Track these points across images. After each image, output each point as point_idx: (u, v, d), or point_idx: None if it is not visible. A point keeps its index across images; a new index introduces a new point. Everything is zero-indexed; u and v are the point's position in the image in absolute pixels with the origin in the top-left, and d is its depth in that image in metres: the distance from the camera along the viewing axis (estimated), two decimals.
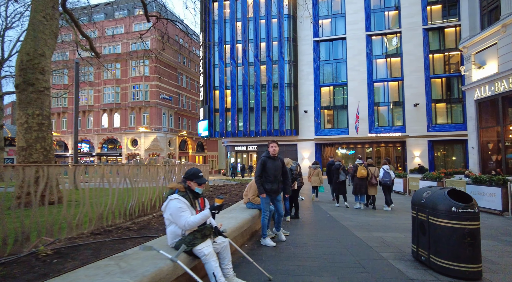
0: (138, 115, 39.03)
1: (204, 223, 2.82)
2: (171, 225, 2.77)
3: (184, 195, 2.77)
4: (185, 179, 2.88)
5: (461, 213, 3.25)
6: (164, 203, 2.77)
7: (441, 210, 3.37)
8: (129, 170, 4.70)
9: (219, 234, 2.93)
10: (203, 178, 2.89)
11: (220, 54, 34.01)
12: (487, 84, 16.44)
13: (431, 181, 11.31)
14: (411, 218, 4.03)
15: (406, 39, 30.48)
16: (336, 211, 8.41)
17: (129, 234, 3.68)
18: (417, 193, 3.99)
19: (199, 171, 2.91)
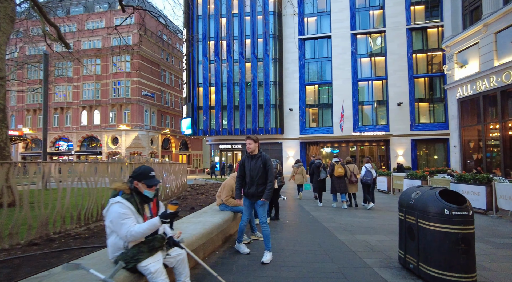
0: (119, 112, 37.80)
1: (154, 233, 2.33)
2: (112, 235, 2.25)
3: (129, 199, 2.25)
4: (132, 179, 2.37)
5: (454, 216, 2.88)
6: (106, 208, 2.26)
7: (432, 212, 2.99)
8: (84, 169, 4.13)
9: (174, 245, 2.44)
10: (154, 179, 2.38)
11: (204, 50, 33.28)
12: (469, 83, 16.52)
13: (415, 180, 11.14)
14: (398, 221, 3.65)
15: (390, 39, 30.63)
16: (318, 211, 8.04)
17: (72, 244, 3.13)
18: (405, 193, 3.61)
19: (150, 170, 2.40)
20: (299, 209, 8.38)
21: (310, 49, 33.01)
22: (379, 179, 14.27)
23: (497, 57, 14.87)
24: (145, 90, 38.59)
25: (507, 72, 14.11)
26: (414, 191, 3.45)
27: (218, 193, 4.82)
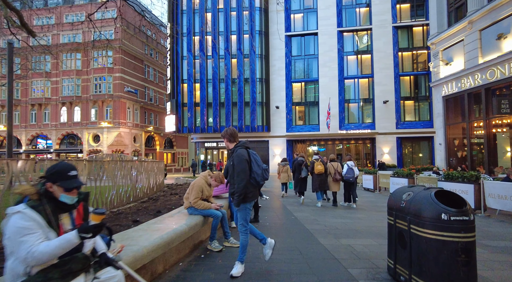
0: (100, 109, 36.50)
1: (75, 250, 1.79)
2: (10, 257, 1.66)
3: (36, 207, 1.68)
4: (45, 181, 1.79)
5: (453, 222, 2.44)
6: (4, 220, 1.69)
7: (427, 217, 2.55)
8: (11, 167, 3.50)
9: (107, 265, 1.89)
10: (74, 180, 1.81)
11: (189, 45, 32.45)
12: (454, 81, 16.45)
13: (402, 178, 10.87)
14: (387, 226, 3.21)
15: (377, 36, 30.59)
16: (302, 212, 7.60)
17: None
18: (395, 194, 3.17)
19: (70, 168, 1.82)
20: (282, 210, 7.93)
21: (297, 46, 32.64)
22: (365, 177, 14.00)
23: (481, 55, 14.81)
24: (128, 86, 37.42)
25: (491, 69, 14.05)
26: (405, 191, 3.01)
27: (186, 195, 4.27)
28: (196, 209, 4.07)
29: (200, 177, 4.25)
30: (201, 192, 4.15)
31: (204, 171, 4.48)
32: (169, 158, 45.31)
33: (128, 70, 37.62)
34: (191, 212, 4.12)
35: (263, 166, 3.47)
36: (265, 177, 3.46)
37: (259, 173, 3.40)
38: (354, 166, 8.79)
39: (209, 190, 4.31)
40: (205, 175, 4.27)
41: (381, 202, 9.81)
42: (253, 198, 3.49)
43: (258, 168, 3.42)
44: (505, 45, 13.46)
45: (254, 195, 3.50)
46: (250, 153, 3.52)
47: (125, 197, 5.82)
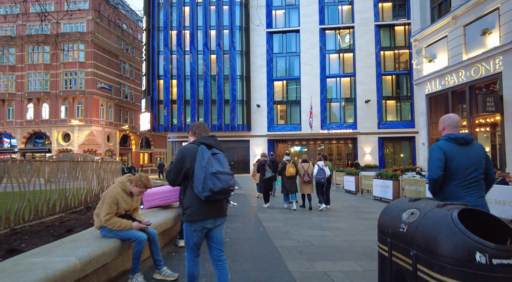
0: (71, 106, 34.32)
1: None
2: None
3: None
4: None
5: (497, 267, 1.41)
6: None
7: (448, 256, 1.52)
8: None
9: None
10: None
11: (166, 40, 30.90)
12: (438, 78, 15.93)
13: (386, 180, 10.03)
14: (378, 257, 2.18)
15: (359, 35, 30.12)
16: (273, 221, 6.54)
17: None
18: (390, 211, 2.13)
19: None
20: (250, 218, 6.85)
21: (278, 43, 31.74)
22: (347, 179, 13.14)
23: (465, 51, 14.30)
24: (101, 82, 35.41)
25: (475, 66, 13.54)
26: (405, 207, 1.98)
27: (96, 210, 3.09)
28: (110, 230, 2.94)
29: (114, 185, 3.10)
30: (115, 205, 2.97)
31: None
32: (146, 159, 43.46)
33: (101, 66, 35.62)
34: (104, 234, 2.95)
35: (217, 170, 2.37)
36: (215, 188, 2.32)
37: (200, 178, 2.31)
38: (325, 166, 8.38)
39: (130, 201, 3.16)
40: (122, 180, 3.10)
41: (364, 207, 8.92)
42: (202, 217, 2.41)
43: (201, 173, 2.34)
44: (489, 40, 12.96)
45: (204, 213, 2.42)
46: (202, 152, 2.44)
47: (45, 207, 4.56)
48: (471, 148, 2.69)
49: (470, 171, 2.61)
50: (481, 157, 2.68)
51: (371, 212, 7.94)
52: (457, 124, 2.82)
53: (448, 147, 2.68)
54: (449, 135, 2.72)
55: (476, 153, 2.68)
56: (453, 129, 2.79)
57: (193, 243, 2.47)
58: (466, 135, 2.70)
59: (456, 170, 2.61)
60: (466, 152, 2.66)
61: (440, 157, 2.65)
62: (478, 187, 2.62)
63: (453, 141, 2.68)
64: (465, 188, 2.59)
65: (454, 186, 2.62)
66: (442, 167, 2.62)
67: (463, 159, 2.63)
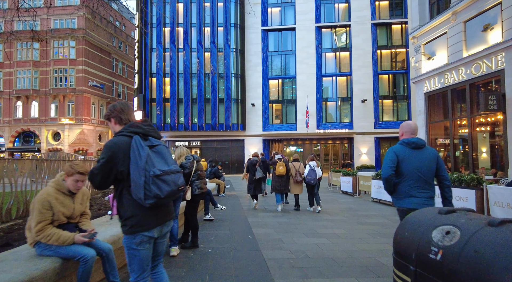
0: (61, 104, 33.49)
1: None
2: None
3: None
4: None
5: None
6: None
7: None
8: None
9: None
10: None
11: (159, 37, 30.20)
12: (437, 76, 15.46)
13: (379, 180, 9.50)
14: None
15: (355, 33, 29.69)
16: (264, 226, 5.97)
17: None
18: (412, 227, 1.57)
19: None
20: (239, 223, 6.28)
21: (274, 41, 31.20)
22: (343, 180, 12.60)
23: (466, 48, 13.84)
24: (92, 80, 34.63)
25: (476, 63, 13.08)
26: (436, 223, 1.41)
27: (27, 223, 2.40)
28: (48, 245, 2.28)
29: (49, 187, 2.44)
30: (48, 210, 2.31)
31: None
32: None
33: (93, 63, 34.82)
34: (40, 252, 2.26)
35: (162, 171, 1.82)
36: (162, 193, 1.78)
37: (140, 183, 1.74)
38: (317, 166, 8.22)
39: (71, 203, 2.49)
40: (56, 178, 2.48)
41: (362, 210, 8.38)
42: (148, 227, 1.85)
43: (139, 177, 1.78)
44: (491, 36, 12.51)
45: (152, 221, 1.86)
46: (137, 148, 1.85)
47: None
48: (423, 151, 2.91)
49: (421, 173, 2.81)
50: (432, 160, 2.88)
51: (371, 215, 7.40)
52: (413, 131, 3.06)
53: (401, 151, 2.90)
54: (403, 140, 2.96)
55: (427, 156, 2.89)
56: (409, 135, 3.00)
57: (142, 260, 1.89)
58: (417, 139, 2.92)
59: (408, 171, 2.82)
60: (417, 155, 2.87)
61: (392, 158, 2.87)
62: (430, 188, 2.85)
63: (406, 145, 2.90)
64: (417, 188, 2.79)
65: (407, 186, 2.81)
66: (394, 167, 2.84)
67: (415, 162, 2.84)
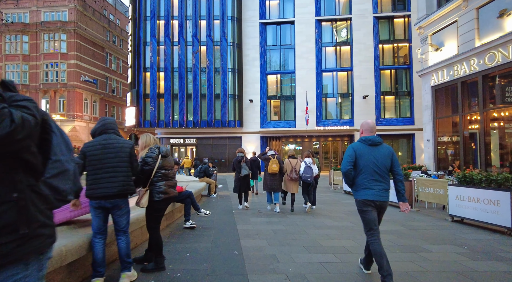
0: (52, 100, 32.40)
1: None
2: None
3: None
4: None
5: None
6: None
7: None
8: None
9: None
10: None
11: (153, 30, 29.08)
12: (445, 68, 14.46)
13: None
14: None
15: (356, 27, 28.64)
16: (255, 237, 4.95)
17: None
18: None
19: None
20: (226, 232, 5.27)
21: (272, 35, 30.13)
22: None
23: (478, 37, 12.85)
24: (85, 75, 33.50)
25: (491, 52, 12.09)
26: None
27: None
28: None
29: None
30: None
31: None
32: None
33: (85, 58, 33.69)
34: None
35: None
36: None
37: None
38: (313, 163, 7.81)
39: None
40: None
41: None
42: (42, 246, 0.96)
43: None
44: (508, 23, 11.50)
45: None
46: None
47: None
48: (379, 148, 3.23)
49: (375, 167, 3.14)
50: (387, 156, 3.21)
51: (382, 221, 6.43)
52: (371, 129, 3.33)
53: (359, 147, 3.24)
54: (361, 138, 3.31)
55: (383, 152, 3.21)
56: (368, 133, 3.30)
57: None
58: (374, 137, 3.24)
59: (364, 165, 3.17)
60: (373, 151, 3.19)
61: (350, 154, 3.23)
62: (383, 181, 3.17)
63: (364, 142, 3.23)
64: (372, 181, 3.15)
65: (363, 178, 3.17)
66: (352, 162, 3.21)
67: (370, 157, 3.17)
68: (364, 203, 3.20)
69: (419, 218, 6.75)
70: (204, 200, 9.43)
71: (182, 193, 5.31)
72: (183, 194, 5.31)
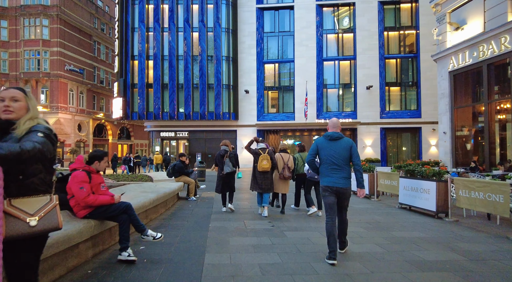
0: (34, 90, 30.20)
1: None
2: None
3: None
4: None
5: None
6: None
7: None
8: None
9: None
10: None
11: (141, 15, 26.95)
12: (467, 49, 12.59)
13: (421, 180, 6.64)
14: None
15: (360, 12, 26.66)
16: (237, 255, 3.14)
17: None
18: None
19: None
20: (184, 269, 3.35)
21: (270, 21, 28.08)
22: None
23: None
24: (70, 64, 31.33)
25: None
26: None
27: None
28: None
29: None
30: None
31: None
32: (124, 150, 39.52)
33: (70, 45, 31.48)
34: None
35: None
36: None
37: None
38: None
39: None
40: None
41: (397, 226, 5.52)
42: None
43: None
44: None
45: None
46: None
47: None
48: (338, 142, 3.79)
49: (334, 158, 3.70)
50: (345, 149, 3.73)
51: (417, 239, 4.54)
52: (334, 125, 3.93)
53: (321, 142, 3.86)
54: (324, 134, 3.89)
55: (341, 146, 3.75)
56: (331, 129, 3.89)
57: None
58: (332, 133, 3.81)
59: (325, 157, 3.76)
60: (333, 145, 3.76)
61: (313, 148, 3.91)
62: (341, 170, 3.69)
63: (325, 137, 3.85)
64: (331, 170, 3.70)
65: (324, 168, 3.77)
66: (314, 155, 3.91)
67: (330, 150, 3.75)
68: (324, 188, 3.75)
69: (468, 236, 4.92)
70: (178, 205, 7.53)
71: (112, 207, 3.42)
72: (113, 208, 3.44)
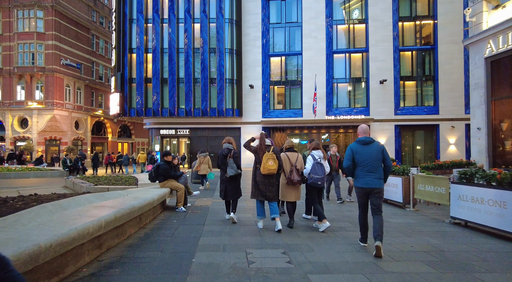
0: (28, 86, 28.90)
1: None
2: None
3: None
4: None
5: None
6: None
7: None
8: None
9: None
10: None
11: (140, 6, 25.39)
12: (510, 31, 10.82)
13: (488, 188, 4.96)
14: None
15: (373, 2, 24.86)
16: None
17: None
18: None
19: None
20: None
21: (276, 11, 26.36)
22: (389, 181, 7.91)
23: None
24: (66, 58, 29.93)
25: None
26: None
27: None
28: None
29: None
30: None
31: None
32: (124, 149, 38.10)
33: (66, 39, 30.06)
34: None
35: None
36: None
37: None
38: (323, 159, 5.39)
39: None
40: None
41: (462, 255, 3.90)
42: None
43: None
44: None
45: None
46: None
47: None
48: (371, 146, 4.15)
49: (369, 161, 4.06)
50: (378, 152, 4.11)
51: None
52: (364, 131, 4.28)
53: (355, 147, 4.21)
54: (357, 139, 4.27)
55: (374, 149, 4.12)
56: (362, 135, 4.26)
57: None
58: (365, 138, 4.19)
59: (360, 161, 4.11)
60: (366, 149, 4.12)
61: (349, 153, 4.22)
62: (375, 172, 4.04)
63: (358, 142, 4.20)
64: (366, 172, 4.06)
65: (359, 170, 4.12)
66: (351, 159, 4.19)
67: (364, 154, 4.11)
68: (358, 189, 4.20)
69: None
70: (159, 220, 5.75)
71: None
72: None
